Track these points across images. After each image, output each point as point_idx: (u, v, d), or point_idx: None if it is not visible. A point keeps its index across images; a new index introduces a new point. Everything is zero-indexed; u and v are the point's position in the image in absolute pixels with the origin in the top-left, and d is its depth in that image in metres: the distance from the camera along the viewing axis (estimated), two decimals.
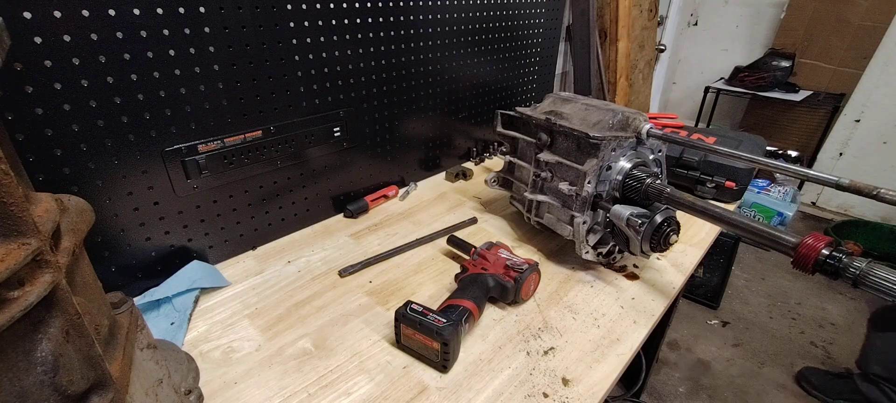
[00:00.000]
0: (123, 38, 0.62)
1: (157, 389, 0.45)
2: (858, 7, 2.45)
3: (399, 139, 1.10)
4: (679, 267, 0.86)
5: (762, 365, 1.78)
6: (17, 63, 0.55)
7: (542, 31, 1.36)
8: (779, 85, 2.69)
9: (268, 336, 0.68)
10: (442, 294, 0.76)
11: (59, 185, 0.63)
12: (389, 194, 1.10)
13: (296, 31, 0.81)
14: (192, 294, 0.74)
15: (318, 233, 0.97)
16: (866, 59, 2.48)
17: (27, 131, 0.58)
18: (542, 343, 0.68)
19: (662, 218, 0.71)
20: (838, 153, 2.71)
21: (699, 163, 1.09)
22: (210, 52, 0.71)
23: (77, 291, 0.35)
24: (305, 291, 0.78)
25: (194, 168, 0.76)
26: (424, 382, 0.61)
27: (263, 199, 0.89)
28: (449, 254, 0.89)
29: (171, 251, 0.79)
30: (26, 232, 0.28)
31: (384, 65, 0.98)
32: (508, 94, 1.37)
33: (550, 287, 0.80)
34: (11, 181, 0.27)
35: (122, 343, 0.41)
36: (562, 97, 0.90)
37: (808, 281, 2.22)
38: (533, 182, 0.88)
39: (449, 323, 0.61)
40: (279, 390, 0.60)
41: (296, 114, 0.87)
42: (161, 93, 0.68)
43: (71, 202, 0.39)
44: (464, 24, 1.11)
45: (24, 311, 0.27)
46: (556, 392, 0.60)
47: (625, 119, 0.78)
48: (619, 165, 0.78)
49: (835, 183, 0.57)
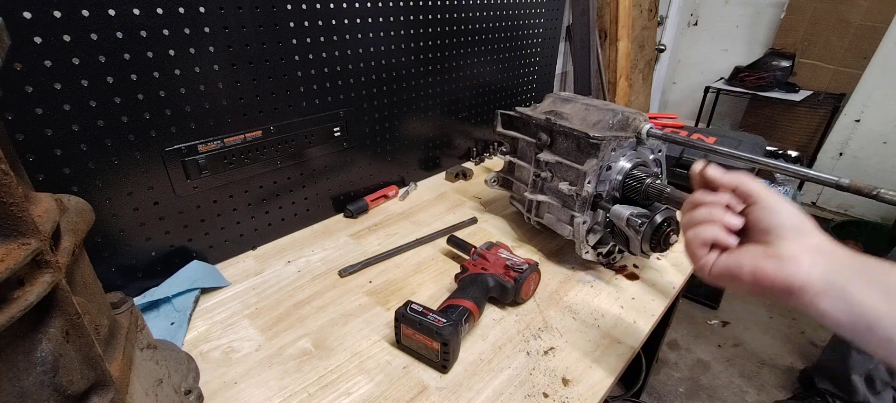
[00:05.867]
0: (123, 38, 0.62)
1: (157, 389, 0.45)
2: (858, 7, 2.45)
3: (399, 139, 1.10)
4: (679, 267, 0.86)
5: (762, 365, 1.78)
6: (17, 63, 0.55)
7: (542, 31, 1.36)
8: (779, 85, 2.69)
9: (268, 336, 0.68)
10: (442, 294, 0.76)
11: (59, 185, 0.63)
12: (389, 194, 1.10)
13: (296, 31, 0.81)
14: (192, 294, 0.74)
15: (318, 233, 0.97)
16: (866, 58, 2.48)
17: (27, 131, 0.58)
18: (542, 343, 0.68)
19: (662, 219, 0.71)
20: (838, 153, 2.71)
21: None
22: (210, 52, 0.71)
23: (77, 291, 0.35)
24: (305, 291, 0.78)
25: (194, 168, 0.76)
26: (424, 382, 0.61)
27: (263, 199, 0.89)
28: (449, 254, 0.89)
29: (171, 251, 0.79)
30: (26, 232, 0.28)
31: (384, 65, 0.98)
32: (508, 94, 1.37)
33: (550, 287, 0.80)
34: (11, 181, 0.27)
35: (122, 343, 0.41)
36: (562, 97, 0.90)
37: None
38: (533, 182, 0.88)
39: (449, 323, 0.61)
40: (279, 390, 0.60)
41: (296, 114, 0.87)
42: (161, 93, 0.68)
43: (71, 202, 0.39)
44: (464, 23, 1.11)
45: (24, 311, 0.27)
46: (556, 392, 0.60)
47: (625, 119, 0.78)
48: (619, 165, 0.78)
49: (835, 183, 0.57)
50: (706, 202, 0.45)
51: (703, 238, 0.43)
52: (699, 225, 0.44)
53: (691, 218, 0.45)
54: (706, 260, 0.44)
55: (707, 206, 0.44)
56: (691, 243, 0.45)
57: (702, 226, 0.44)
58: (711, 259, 0.43)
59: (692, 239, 0.45)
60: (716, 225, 0.43)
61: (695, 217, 0.45)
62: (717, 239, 0.43)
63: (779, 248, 0.39)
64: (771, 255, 0.39)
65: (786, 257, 0.38)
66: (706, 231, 0.43)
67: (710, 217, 0.44)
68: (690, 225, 0.45)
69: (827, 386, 1.55)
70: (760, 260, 0.39)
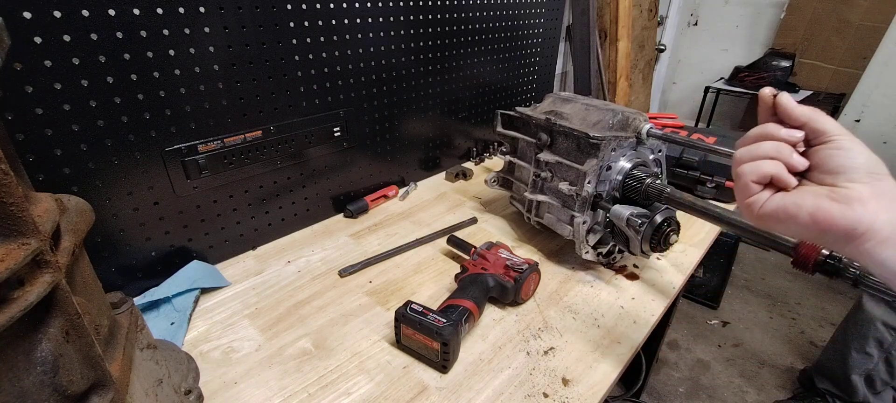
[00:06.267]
0: (123, 38, 0.62)
1: (157, 389, 0.45)
2: (858, 7, 2.45)
3: (399, 139, 1.10)
4: (679, 267, 0.86)
5: (762, 365, 1.78)
6: (17, 63, 0.55)
7: (542, 31, 1.36)
8: (779, 85, 2.69)
9: (268, 336, 0.68)
10: (442, 294, 0.76)
11: (59, 185, 0.63)
12: (389, 194, 1.10)
13: (296, 31, 0.81)
14: (192, 294, 0.74)
15: (318, 233, 0.97)
16: (866, 59, 2.48)
17: (27, 131, 0.58)
18: (542, 343, 0.68)
19: (662, 219, 0.71)
20: None
21: (699, 163, 1.09)
22: (210, 52, 0.71)
23: (77, 291, 0.35)
24: (305, 291, 0.78)
25: (194, 168, 0.76)
26: (424, 382, 0.61)
27: (263, 199, 0.89)
28: (449, 254, 0.89)
29: (171, 251, 0.79)
30: (26, 232, 0.28)
31: (384, 65, 0.98)
32: (508, 94, 1.37)
33: (550, 287, 0.80)
34: (11, 181, 0.27)
35: (122, 343, 0.41)
36: (562, 97, 0.90)
37: (808, 281, 2.22)
38: (533, 182, 0.88)
39: (449, 323, 0.61)
40: (279, 390, 0.60)
41: (296, 114, 0.87)
42: (161, 93, 0.68)
43: (71, 202, 0.39)
44: (464, 23, 1.11)
45: (24, 311, 0.27)
46: (556, 392, 0.60)
47: (625, 119, 0.78)
48: (619, 165, 0.78)
49: None
50: (776, 136, 0.40)
51: (762, 172, 0.39)
52: (760, 159, 0.40)
53: (753, 151, 0.41)
54: (757, 197, 0.40)
55: (775, 141, 0.40)
56: (745, 176, 0.40)
57: (763, 161, 0.40)
58: (763, 197, 0.39)
59: (749, 172, 0.40)
60: (779, 163, 0.39)
61: (757, 150, 0.40)
62: (779, 176, 0.39)
63: (847, 190, 0.36)
64: (837, 197, 0.36)
65: (854, 199, 0.35)
66: (767, 166, 0.39)
67: (776, 152, 0.39)
68: (749, 158, 0.41)
69: (827, 386, 1.55)
70: (823, 201, 0.36)
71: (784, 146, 0.40)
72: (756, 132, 0.42)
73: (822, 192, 0.37)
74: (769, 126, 0.41)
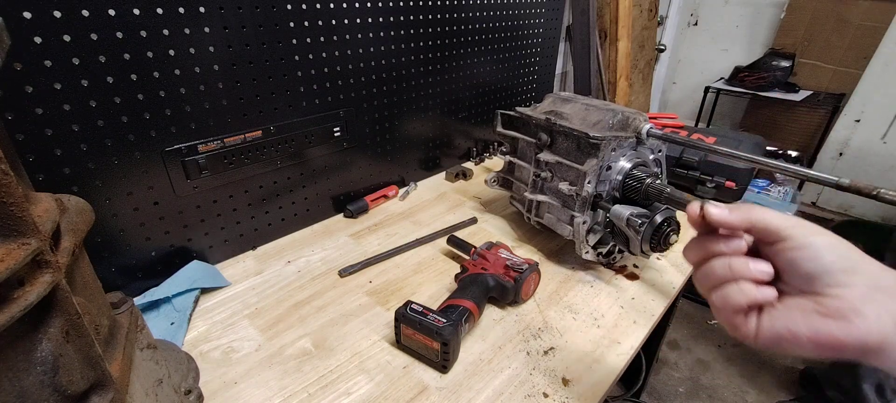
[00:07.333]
0: (123, 38, 0.62)
1: (157, 389, 0.45)
2: (858, 7, 2.45)
3: (399, 139, 1.10)
4: (679, 267, 0.86)
5: (762, 366, 1.78)
6: (17, 63, 0.55)
7: (542, 31, 1.36)
8: (779, 85, 2.69)
9: (268, 336, 0.68)
10: (442, 294, 0.76)
11: (59, 185, 0.63)
12: (389, 194, 1.10)
13: (296, 31, 0.81)
14: (192, 294, 0.74)
15: (317, 233, 0.97)
16: (866, 59, 2.48)
17: (27, 131, 0.58)
18: (542, 343, 0.68)
19: (662, 218, 0.71)
20: (838, 153, 2.70)
21: (699, 163, 1.09)
22: (210, 52, 0.71)
23: (77, 291, 0.35)
24: (305, 291, 0.78)
25: (194, 168, 0.76)
26: (424, 382, 0.61)
27: (263, 199, 0.89)
28: (449, 254, 0.89)
29: (171, 251, 0.79)
30: (26, 232, 0.28)
31: (384, 65, 0.98)
32: (508, 94, 1.37)
33: (550, 287, 0.80)
34: (11, 181, 0.27)
35: (122, 343, 0.41)
36: (562, 97, 0.90)
37: None
38: (533, 182, 0.88)
39: (449, 323, 0.61)
40: (279, 390, 0.60)
41: (296, 114, 0.87)
42: (161, 93, 0.68)
43: (71, 202, 0.39)
44: (464, 23, 1.11)
45: (24, 311, 0.27)
46: (556, 392, 0.60)
47: (625, 119, 0.78)
48: (619, 165, 0.78)
49: (835, 183, 0.57)
50: (720, 252, 0.36)
51: (734, 305, 0.35)
52: (722, 285, 0.36)
53: (708, 275, 0.37)
54: (748, 328, 0.35)
55: (723, 257, 0.36)
56: (722, 312, 0.36)
57: (727, 287, 0.35)
58: (753, 325, 0.35)
59: (721, 306, 0.36)
60: (744, 283, 0.35)
61: (712, 274, 0.36)
62: (753, 301, 0.35)
63: (834, 301, 0.32)
64: (827, 311, 0.32)
65: (849, 312, 0.31)
66: (735, 295, 0.35)
67: (731, 273, 0.35)
68: (711, 286, 0.36)
69: (836, 395, 1.54)
70: (816, 321, 0.32)
71: (736, 260, 0.36)
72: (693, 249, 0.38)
73: (809, 307, 0.33)
74: (703, 241, 0.38)
